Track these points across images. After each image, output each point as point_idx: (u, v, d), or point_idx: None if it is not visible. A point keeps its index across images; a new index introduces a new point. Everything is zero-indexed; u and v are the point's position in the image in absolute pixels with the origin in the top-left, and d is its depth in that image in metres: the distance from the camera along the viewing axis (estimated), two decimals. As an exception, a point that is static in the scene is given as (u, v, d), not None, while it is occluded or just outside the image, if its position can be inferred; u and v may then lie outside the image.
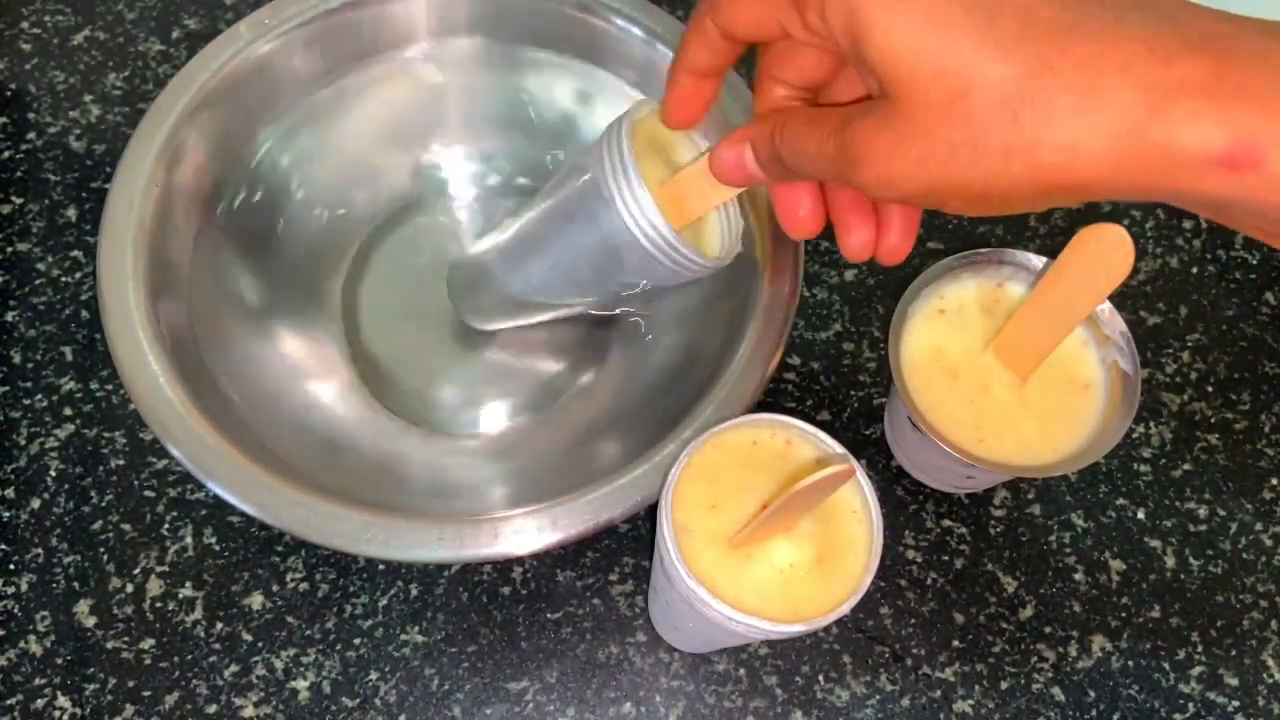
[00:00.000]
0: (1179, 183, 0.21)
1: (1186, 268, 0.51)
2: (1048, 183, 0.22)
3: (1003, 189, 0.22)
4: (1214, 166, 0.20)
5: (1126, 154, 0.20)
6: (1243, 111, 0.19)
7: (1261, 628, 0.43)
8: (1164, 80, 0.20)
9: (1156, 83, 0.20)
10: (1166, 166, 0.20)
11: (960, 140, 0.22)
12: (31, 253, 0.49)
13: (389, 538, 0.35)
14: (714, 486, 0.31)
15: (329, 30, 0.45)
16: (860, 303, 0.49)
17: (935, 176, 0.23)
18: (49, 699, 0.40)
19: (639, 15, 0.44)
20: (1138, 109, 0.20)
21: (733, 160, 0.29)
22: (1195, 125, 0.20)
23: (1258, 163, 0.20)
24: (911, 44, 0.22)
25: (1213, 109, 0.20)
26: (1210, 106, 0.20)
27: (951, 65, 0.21)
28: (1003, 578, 0.44)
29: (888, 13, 0.22)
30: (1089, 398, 0.39)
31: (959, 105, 0.21)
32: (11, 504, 0.43)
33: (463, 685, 0.41)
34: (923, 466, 0.44)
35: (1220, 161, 0.20)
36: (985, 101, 0.21)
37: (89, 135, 0.52)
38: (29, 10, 0.55)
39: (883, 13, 0.22)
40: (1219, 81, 0.20)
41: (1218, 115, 0.20)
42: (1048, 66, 0.20)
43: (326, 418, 0.44)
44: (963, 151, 0.22)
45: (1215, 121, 0.20)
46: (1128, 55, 0.20)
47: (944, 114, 0.22)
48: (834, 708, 0.41)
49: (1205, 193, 0.20)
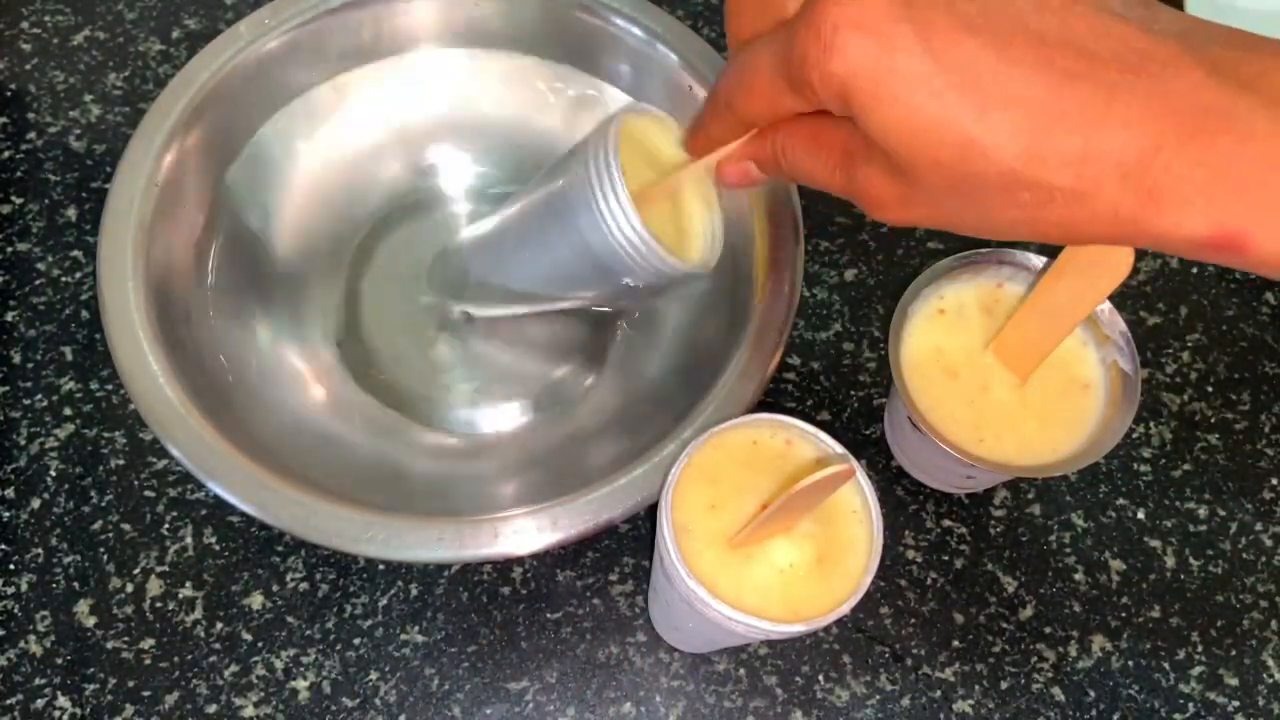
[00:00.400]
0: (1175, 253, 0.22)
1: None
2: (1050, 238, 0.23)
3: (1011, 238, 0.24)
4: (1202, 248, 0.21)
5: (1121, 234, 0.22)
6: (1226, 200, 0.20)
7: (1261, 628, 0.43)
8: (1150, 169, 0.20)
9: (1144, 172, 0.20)
10: (1158, 245, 0.22)
11: (965, 209, 0.23)
12: (31, 253, 0.49)
13: (389, 538, 0.35)
14: (714, 486, 0.31)
15: (329, 30, 0.45)
16: (860, 303, 0.49)
17: (941, 224, 0.24)
18: (49, 699, 0.40)
19: (639, 15, 0.44)
20: (1129, 199, 0.21)
21: (737, 174, 0.30)
22: (1181, 215, 0.20)
23: (1242, 247, 0.20)
24: (908, 132, 0.22)
25: (1197, 198, 0.20)
26: (1194, 195, 0.20)
27: (948, 158, 0.22)
28: (1003, 578, 0.44)
29: (880, 101, 0.22)
30: (1089, 398, 0.39)
31: (960, 187, 0.22)
32: (11, 504, 0.43)
33: (463, 685, 0.41)
34: (923, 466, 0.44)
35: (1207, 244, 0.21)
36: (985, 186, 0.22)
37: (89, 135, 0.52)
38: (29, 10, 0.55)
39: (875, 100, 0.22)
40: (1204, 166, 0.20)
41: (1201, 204, 0.20)
42: (1042, 159, 0.21)
43: (326, 418, 0.44)
44: (969, 216, 0.23)
45: (1199, 211, 0.20)
46: (1118, 142, 0.20)
47: (947, 191, 0.23)
48: (834, 708, 0.41)
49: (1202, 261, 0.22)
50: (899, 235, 0.51)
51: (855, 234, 0.51)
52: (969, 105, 0.21)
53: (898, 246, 0.51)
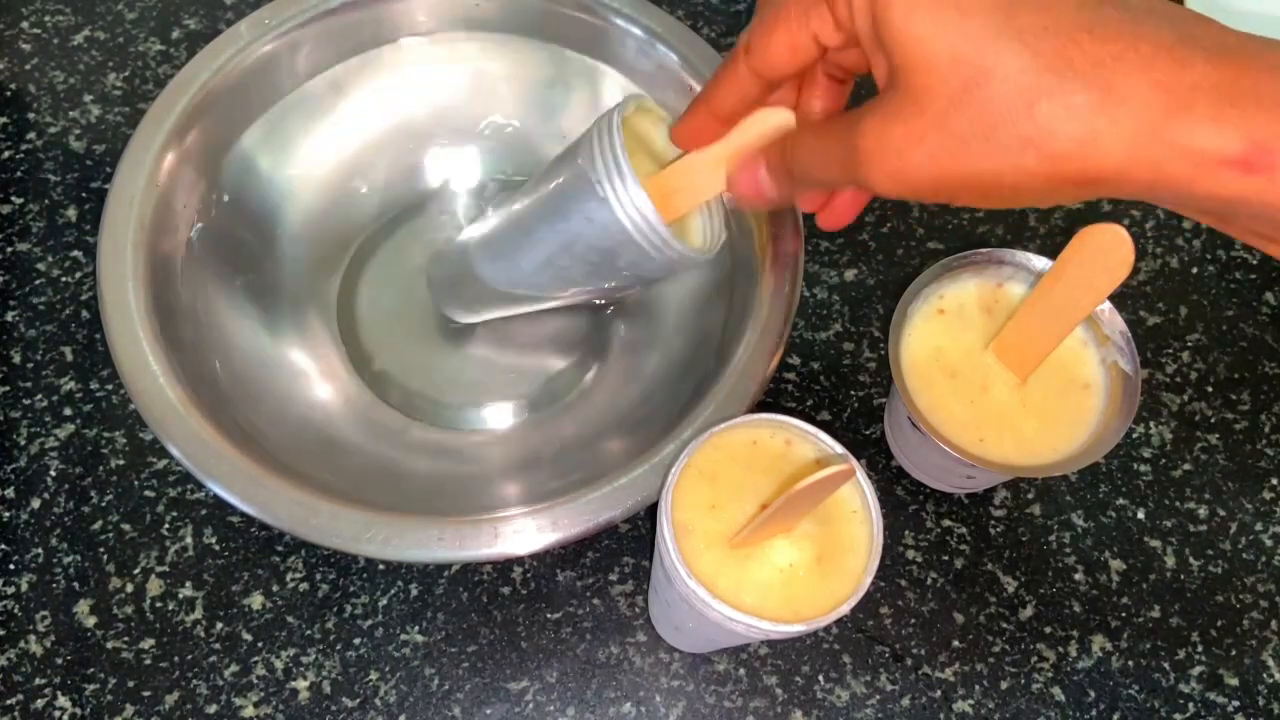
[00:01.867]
0: (1191, 182, 0.21)
1: (1186, 268, 0.51)
2: (1060, 175, 0.22)
3: (1013, 181, 0.22)
4: (1228, 168, 0.20)
5: (1141, 151, 0.21)
6: (1259, 117, 0.20)
7: (1261, 628, 0.43)
8: (1181, 82, 0.20)
9: (1174, 84, 0.20)
10: (1182, 165, 0.21)
11: (973, 131, 0.22)
12: (31, 253, 0.49)
13: (389, 538, 0.35)
14: (714, 486, 0.31)
15: (329, 30, 0.45)
16: (860, 303, 0.49)
17: (946, 168, 0.23)
18: (49, 699, 0.40)
19: (639, 15, 0.44)
20: (1155, 108, 0.20)
21: (749, 180, 0.30)
22: (1212, 127, 0.20)
23: (1271, 166, 0.20)
24: (930, 28, 0.22)
25: (1231, 112, 0.20)
26: (1228, 110, 0.20)
27: (969, 53, 0.21)
28: (1003, 578, 0.44)
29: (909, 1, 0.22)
30: (1089, 398, 0.39)
31: (974, 94, 0.21)
32: (11, 504, 0.43)
33: (463, 685, 0.41)
34: (923, 466, 0.44)
35: (1235, 163, 0.20)
36: (1002, 92, 0.21)
37: (89, 135, 0.52)
38: (29, 10, 0.55)
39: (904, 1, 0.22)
40: (1235, 87, 0.20)
41: (1235, 118, 0.20)
42: (1067, 61, 0.21)
43: (326, 417, 0.44)
44: (975, 143, 0.22)
45: (1232, 124, 0.20)
46: (1147, 56, 0.20)
47: (958, 103, 0.22)
48: (834, 708, 0.41)
49: (1215, 194, 0.21)
50: (899, 235, 0.51)
51: (855, 234, 0.51)
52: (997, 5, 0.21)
53: (898, 246, 0.51)
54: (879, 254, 0.50)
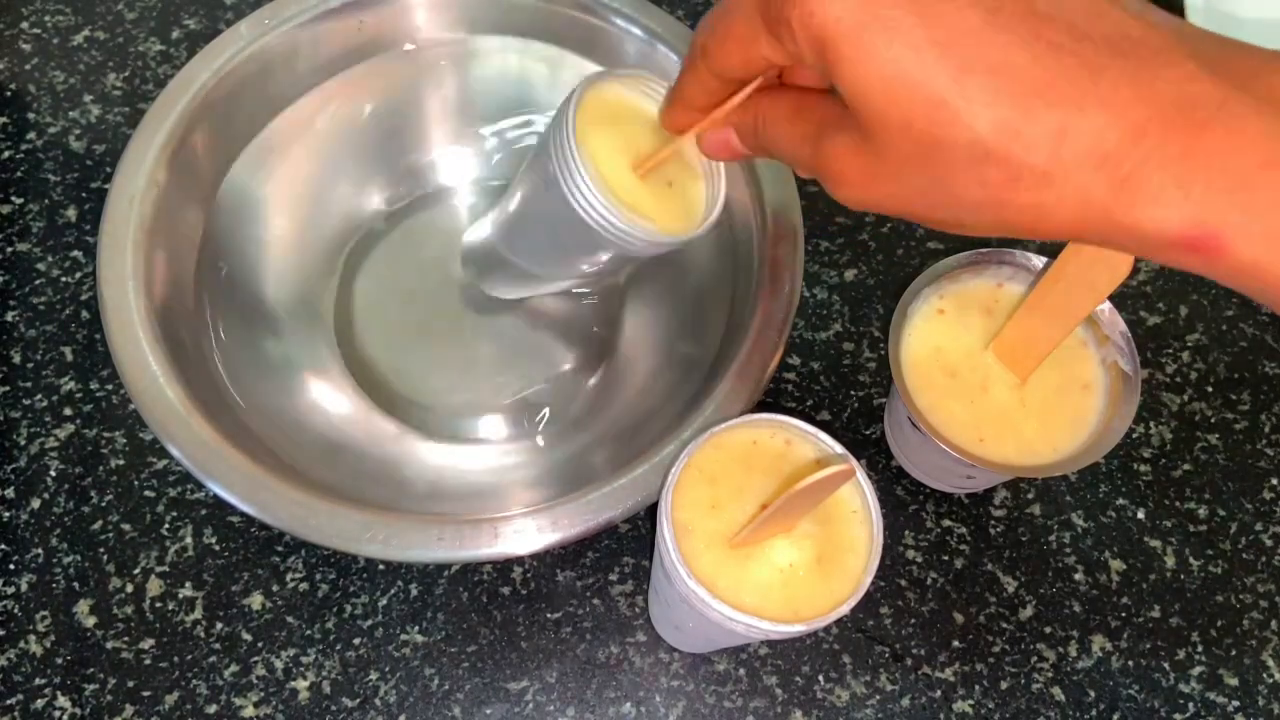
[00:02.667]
0: (1143, 254, 0.21)
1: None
2: (1016, 231, 0.22)
3: (972, 229, 0.23)
4: (1174, 247, 0.20)
5: (1090, 224, 0.20)
6: (1205, 195, 0.19)
7: (1261, 628, 0.43)
8: (1130, 155, 0.19)
9: (1123, 157, 0.19)
10: (1128, 242, 0.20)
11: (930, 188, 0.22)
12: (31, 253, 0.49)
13: (389, 538, 0.35)
14: (714, 486, 0.31)
15: (329, 29, 0.45)
16: (860, 303, 0.49)
17: (905, 208, 0.23)
18: (49, 699, 0.40)
19: (639, 15, 0.44)
20: (1101, 186, 0.20)
21: (718, 142, 0.29)
22: (1156, 208, 0.19)
23: (1217, 249, 0.19)
24: (880, 87, 0.21)
25: (1174, 190, 0.19)
26: (1172, 188, 0.19)
27: (919, 120, 0.21)
28: (1003, 578, 0.44)
29: (857, 49, 0.21)
30: (1089, 398, 0.39)
31: (928, 159, 0.21)
32: (11, 504, 0.43)
33: (463, 685, 0.41)
34: (923, 466, 0.44)
35: (1180, 244, 0.20)
36: (953, 159, 0.21)
37: (89, 135, 0.52)
38: (29, 10, 0.55)
39: (852, 48, 0.21)
40: (1186, 158, 0.19)
41: (1179, 198, 0.19)
42: (1014, 131, 0.20)
43: (326, 418, 0.44)
44: (933, 197, 0.22)
45: (1176, 205, 0.19)
46: (1097, 125, 0.19)
47: (912, 162, 0.22)
48: (834, 708, 0.41)
49: (1167, 264, 0.21)
50: (899, 235, 0.51)
51: (855, 234, 0.51)
52: (947, 66, 0.20)
53: (898, 246, 0.51)
54: (879, 254, 0.50)
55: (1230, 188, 0.19)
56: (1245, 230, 0.19)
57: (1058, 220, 0.21)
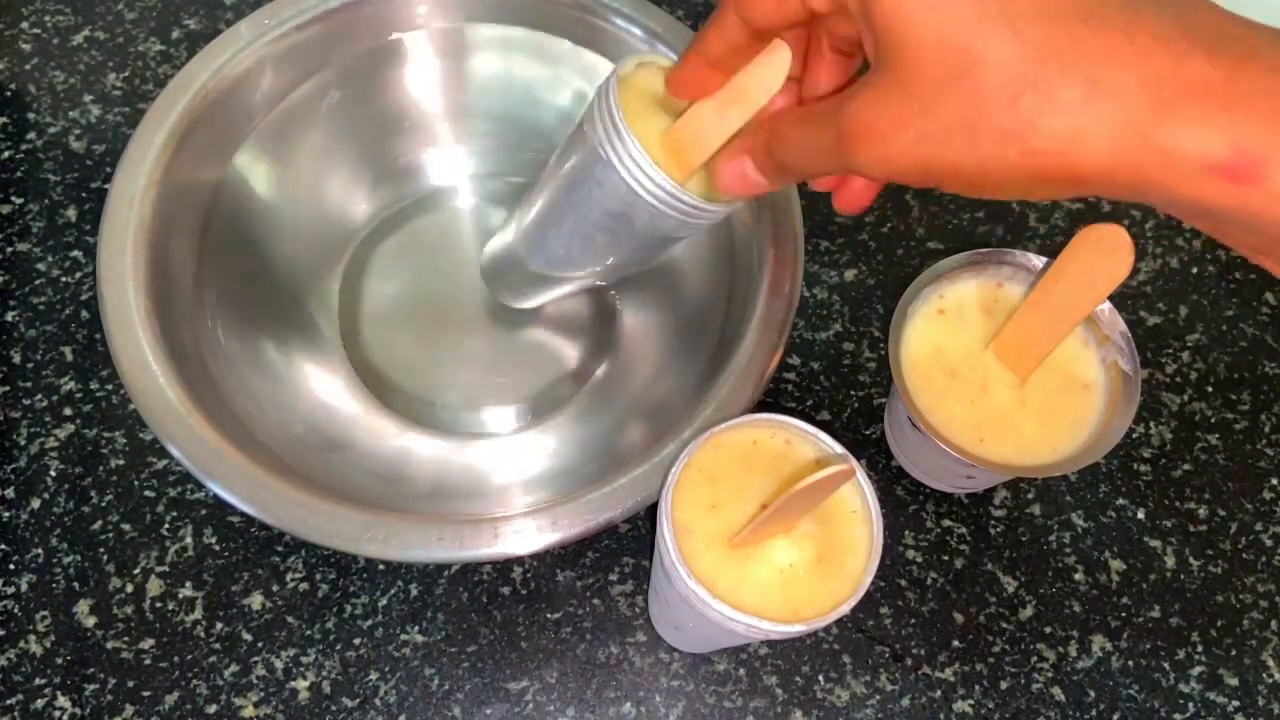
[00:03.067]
0: (1175, 186, 0.20)
1: (1186, 268, 0.51)
2: (1042, 172, 0.21)
3: (997, 174, 0.22)
4: (1212, 175, 0.19)
5: (1126, 151, 0.20)
6: (1249, 122, 0.19)
7: (1261, 628, 0.43)
8: (1173, 79, 0.19)
9: (1166, 81, 0.19)
10: (1165, 168, 0.20)
11: (957, 121, 0.21)
12: (31, 253, 0.49)
13: (389, 538, 0.35)
14: (714, 486, 0.31)
15: (329, 30, 0.45)
16: (860, 303, 0.49)
17: (930, 156, 0.22)
18: (49, 699, 0.40)
19: (639, 15, 0.44)
20: (1143, 107, 0.19)
21: (734, 173, 0.29)
22: (1199, 130, 0.19)
23: (1258, 176, 0.19)
24: (918, 9, 0.21)
25: (1220, 116, 0.19)
26: (1217, 113, 0.19)
27: (958, 38, 0.20)
28: (1003, 578, 0.44)
29: None
30: (1089, 398, 0.39)
31: (960, 82, 0.21)
32: (11, 504, 0.43)
33: (463, 685, 0.41)
34: (923, 466, 0.44)
35: (1220, 170, 0.19)
36: (987, 81, 0.20)
37: (89, 135, 0.52)
38: (29, 10, 0.55)
39: None
40: (1230, 87, 0.19)
41: (1224, 123, 0.19)
42: (1056, 52, 0.20)
43: (327, 418, 0.44)
44: (960, 133, 0.21)
45: (1220, 129, 0.19)
46: (1142, 49, 0.19)
47: (943, 90, 0.21)
48: (834, 708, 0.41)
49: (1200, 200, 0.20)
50: (899, 235, 0.51)
51: (855, 234, 0.51)
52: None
53: (898, 246, 0.51)
54: (879, 254, 0.50)
55: (1274, 116, 0.19)
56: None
57: (1091, 148, 0.20)
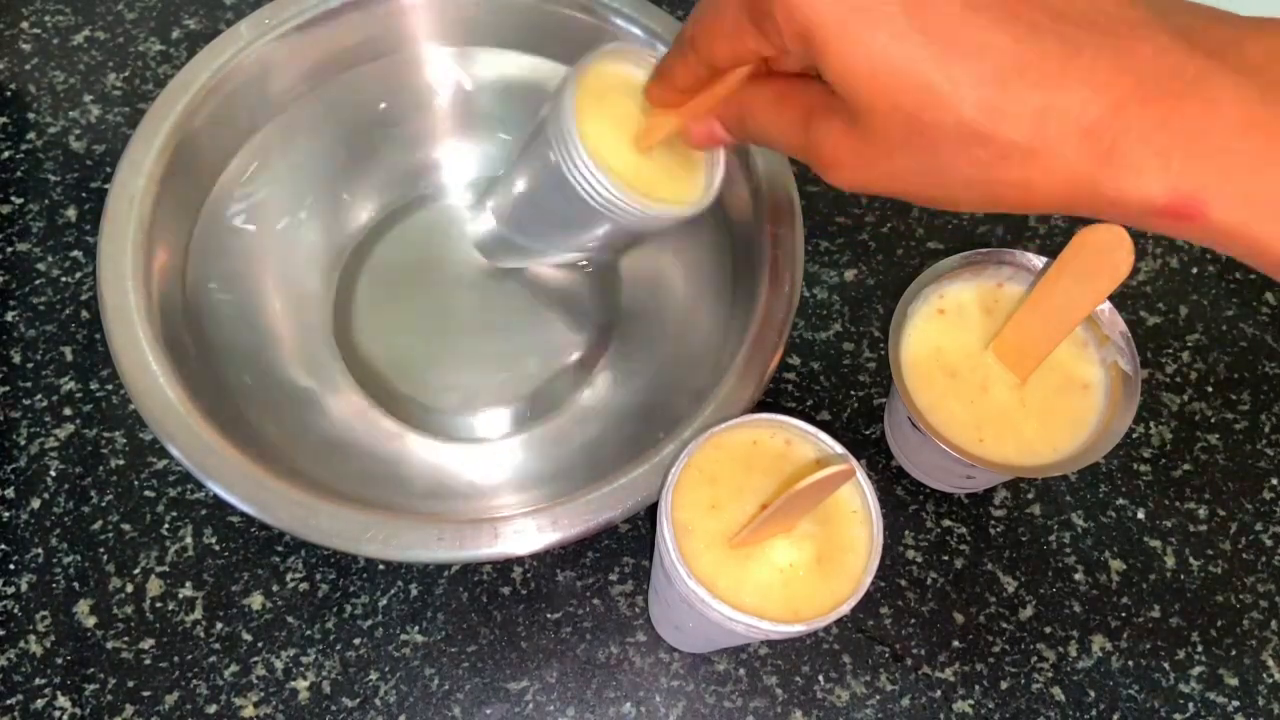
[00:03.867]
0: (1128, 222, 0.21)
1: (1186, 268, 0.51)
2: (1007, 204, 0.22)
3: (966, 205, 0.23)
4: (1157, 215, 0.20)
5: (1077, 197, 0.21)
6: (1185, 164, 0.20)
7: (1261, 628, 0.43)
8: (1110, 128, 0.20)
9: (1104, 130, 0.20)
10: (1115, 211, 0.21)
11: (921, 169, 0.23)
12: (31, 253, 0.49)
13: (389, 538, 0.35)
14: (714, 486, 0.31)
15: (329, 30, 0.45)
16: (860, 303, 0.49)
17: (898, 190, 0.24)
18: (49, 699, 0.40)
19: (639, 15, 0.44)
20: (1085, 159, 0.20)
21: (704, 133, 0.30)
22: (1139, 178, 0.20)
23: (1198, 215, 0.20)
24: (866, 72, 0.21)
25: (1153, 161, 0.20)
26: (1152, 158, 0.20)
27: (906, 105, 0.21)
28: (1003, 578, 0.44)
29: (841, 41, 0.21)
30: (1089, 398, 0.39)
31: (916, 141, 0.22)
32: (11, 504, 0.43)
33: (463, 685, 0.41)
34: (923, 466, 0.44)
35: (1162, 211, 0.20)
36: (942, 139, 0.21)
37: (89, 135, 0.52)
38: (29, 10, 0.55)
39: (836, 40, 0.22)
40: (1165, 128, 0.20)
41: (1158, 168, 0.20)
42: (999, 111, 0.21)
43: (327, 418, 0.44)
44: (925, 177, 0.23)
45: (1156, 174, 0.20)
46: (1078, 100, 0.20)
47: (902, 146, 0.22)
48: (834, 708, 0.41)
49: (1155, 231, 0.21)
50: (899, 235, 0.51)
51: (855, 234, 0.51)
52: (931, 50, 0.21)
53: (898, 246, 0.51)
54: (879, 254, 0.50)
55: (1207, 154, 0.20)
56: (1223, 194, 0.20)
57: (1045, 194, 0.21)
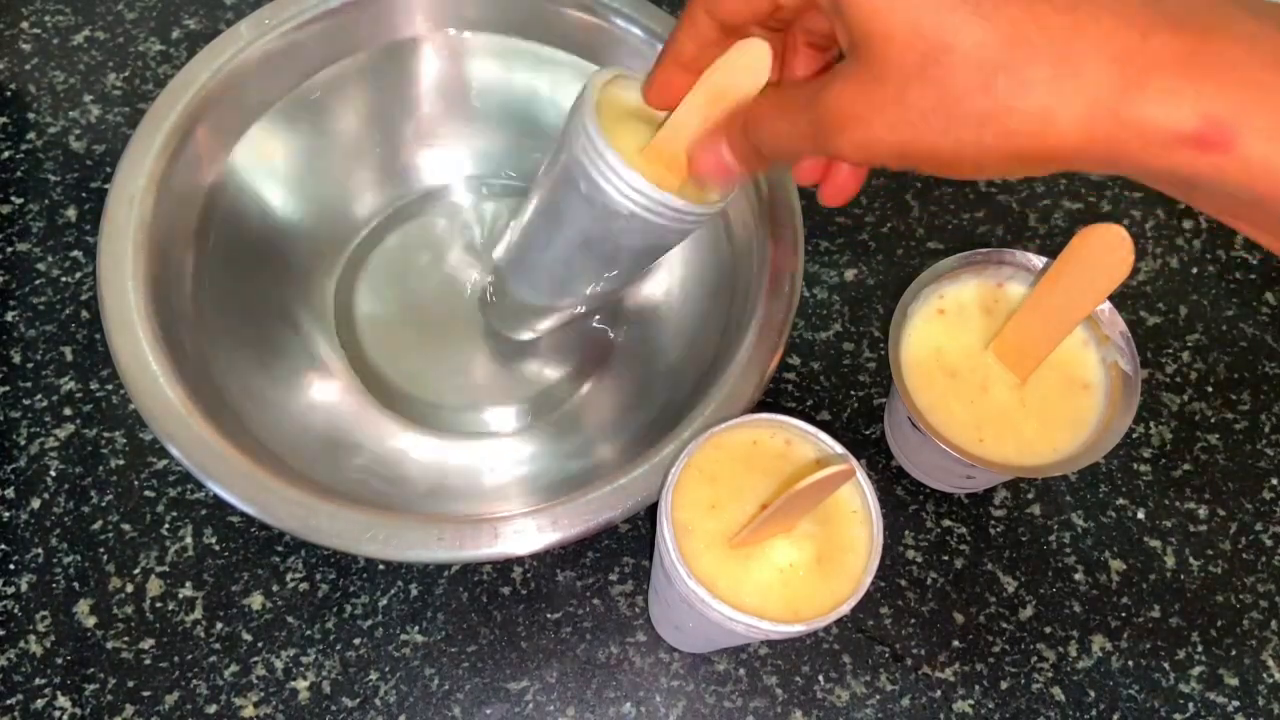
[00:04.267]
0: (1148, 159, 0.20)
1: (1186, 268, 0.51)
2: (1018, 151, 0.21)
3: (974, 156, 0.22)
4: (1183, 145, 0.20)
5: (1098, 127, 0.20)
6: (1217, 91, 0.19)
7: (1261, 628, 0.43)
8: (1140, 54, 0.20)
9: (1132, 57, 0.20)
10: (1137, 142, 0.20)
11: (933, 106, 0.22)
12: (31, 253, 0.49)
13: (389, 538, 0.35)
14: (714, 486, 0.31)
15: (329, 30, 0.45)
16: (860, 303, 0.49)
17: (907, 141, 0.22)
18: (49, 699, 0.40)
19: (639, 15, 0.44)
20: (1111, 83, 0.20)
21: (711, 162, 0.29)
22: (1167, 103, 0.19)
23: (1227, 145, 0.19)
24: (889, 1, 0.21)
25: (1186, 87, 0.19)
26: (1184, 84, 0.19)
27: (927, 26, 0.21)
28: (1003, 578, 0.44)
29: None
30: (1089, 398, 0.39)
31: (933, 69, 0.21)
32: (11, 504, 0.43)
33: (463, 685, 0.41)
34: (923, 466, 0.44)
35: (1190, 141, 0.19)
36: (960, 66, 0.21)
37: (89, 135, 0.52)
38: (29, 10, 0.55)
39: None
40: (1196, 58, 0.19)
41: (1191, 93, 0.19)
42: (1024, 35, 0.20)
43: (328, 417, 0.44)
44: (935, 118, 0.22)
45: (1187, 100, 0.19)
46: (1107, 28, 0.20)
47: (917, 77, 0.21)
48: (834, 708, 0.41)
49: (1173, 170, 0.20)
50: (899, 235, 0.51)
51: (855, 234, 0.51)
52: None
53: (898, 246, 0.51)
54: (879, 254, 0.50)
55: (1240, 84, 0.19)
56: (1256, 126, 0.19)
57: (1063, 127, 0.20)
